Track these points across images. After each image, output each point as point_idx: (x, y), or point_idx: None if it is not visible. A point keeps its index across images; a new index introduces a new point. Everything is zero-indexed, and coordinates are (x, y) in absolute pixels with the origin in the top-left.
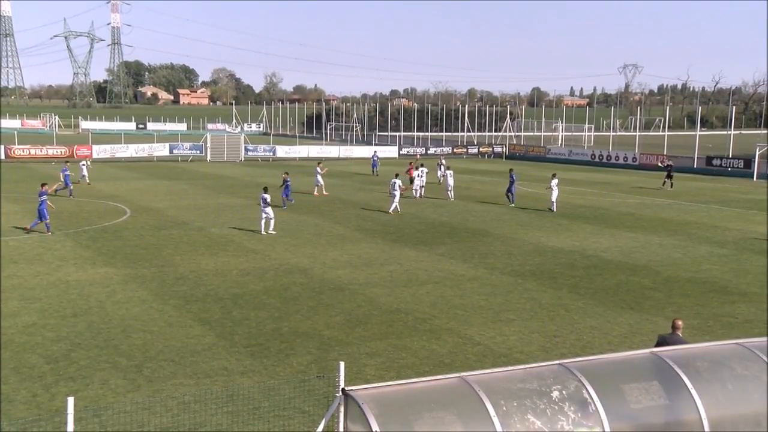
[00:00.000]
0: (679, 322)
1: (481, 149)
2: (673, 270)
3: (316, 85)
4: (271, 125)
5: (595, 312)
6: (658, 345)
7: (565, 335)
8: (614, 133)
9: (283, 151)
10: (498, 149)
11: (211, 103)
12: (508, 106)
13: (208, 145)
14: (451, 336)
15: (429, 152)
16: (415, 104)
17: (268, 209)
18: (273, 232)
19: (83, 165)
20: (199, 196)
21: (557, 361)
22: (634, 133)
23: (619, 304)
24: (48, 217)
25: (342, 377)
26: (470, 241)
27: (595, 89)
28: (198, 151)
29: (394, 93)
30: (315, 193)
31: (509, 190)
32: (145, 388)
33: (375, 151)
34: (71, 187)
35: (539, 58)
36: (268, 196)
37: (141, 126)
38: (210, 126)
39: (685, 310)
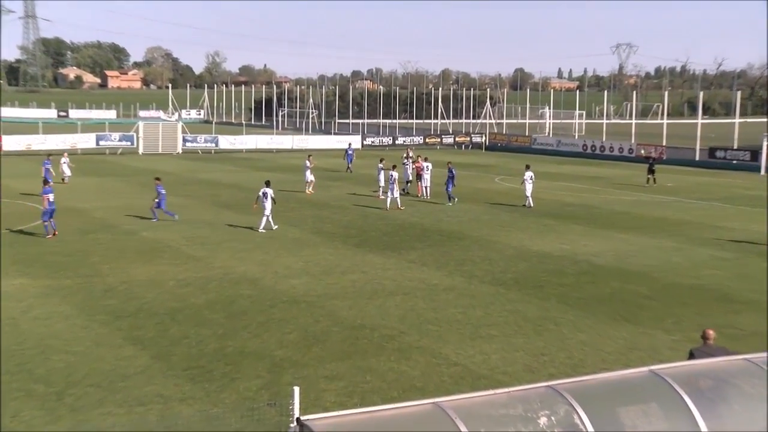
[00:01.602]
0: (710, 332)
1: (457, 139)
2: (671, 276)
3: (265, 65)
4: (214, 112)
5: (587, 325)
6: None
7: (553, 353)
8: (608, 121)
9: (227, 141)
10: (477, 139)
11: (144, 87)
12: (488, 90)
13: (141, 135)
14: (423, 355)
15: (397, 142)
16: (381, 87)
17: (267, 205)
18: (276, 227)
19: (65, 162)
20: (131, 195)
21: (545, 383)
22: (630, 121)
23: (613, 315)
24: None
25: (297, 404)
26: (445, 245)
27: (585, 71)
28: (129, 143)
29: (357, 74)
30: (307, 191)
31: (447, 188)
32: (68, 418)
33: (350, 143)
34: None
35: (523, 34)
36: (270, 191)
37: (63, 113)
38: (143, 113)
39: (685, 321)
